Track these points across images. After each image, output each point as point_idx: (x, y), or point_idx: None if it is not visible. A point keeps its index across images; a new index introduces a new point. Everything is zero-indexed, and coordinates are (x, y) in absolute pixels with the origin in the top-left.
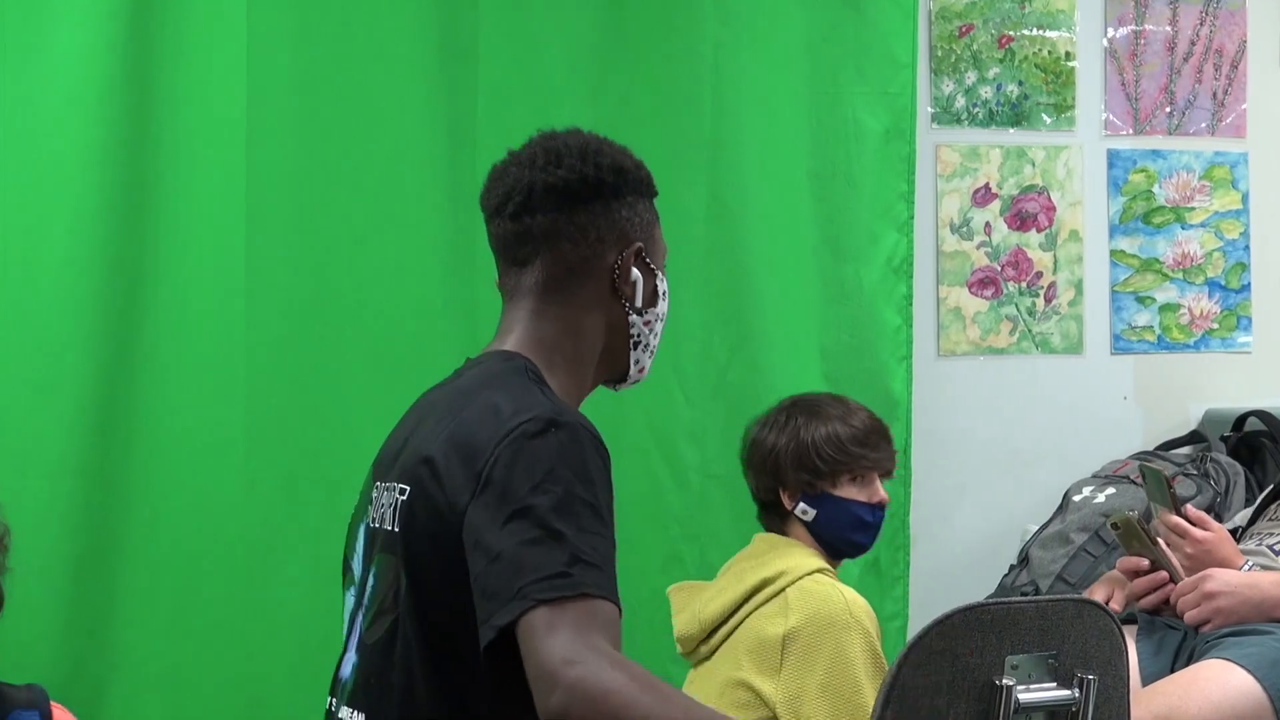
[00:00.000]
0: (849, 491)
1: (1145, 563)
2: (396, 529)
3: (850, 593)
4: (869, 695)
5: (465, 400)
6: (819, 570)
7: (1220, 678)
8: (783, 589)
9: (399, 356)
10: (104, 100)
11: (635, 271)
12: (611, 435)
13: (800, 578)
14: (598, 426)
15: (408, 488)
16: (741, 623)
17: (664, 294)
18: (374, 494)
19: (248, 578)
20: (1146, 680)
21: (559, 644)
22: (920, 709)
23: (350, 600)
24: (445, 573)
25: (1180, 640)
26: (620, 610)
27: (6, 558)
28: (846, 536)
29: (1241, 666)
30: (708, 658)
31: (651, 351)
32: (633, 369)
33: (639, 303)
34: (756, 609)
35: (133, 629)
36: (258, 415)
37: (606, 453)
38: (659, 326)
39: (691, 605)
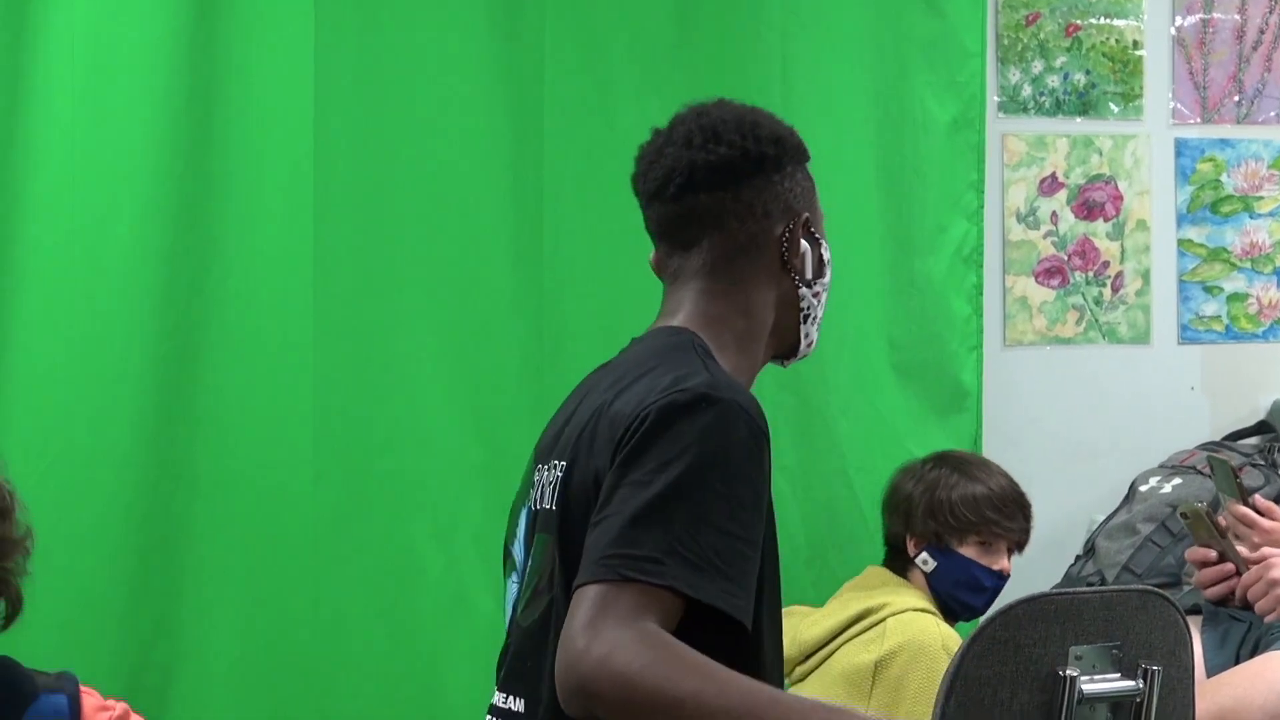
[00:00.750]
0: (973, 553)
1: (1213, 554)
2: (554, 507)
3: (948, 629)
4: None
5: (629, 372)
6: (924, 609)
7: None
8: (883, 619)
9: (466, 347)
10: (170, 91)
11: (803, 243)
12: None
13: (902, 611)
14: None
15: (566, 464)
16: (839, 649)
17: (829, 262)
18: (535, 477)
19: (315, 570)
20: (1211, 673)
21: (605, 619)
22: (983, 700)
23: (513, 588)
24: None
25: (1245, 631)
26: (736, 616)
27: (28, 561)
28: (961, 596)
29: None
30: (800, 680)
31: (818, 323)
32: (803, 343)
33: (808, 274)
34: (855, 637)
35: (201, 620)
36: (325, 406)
37: (763, 436)
38: (825, 297)
39: (793, 628)
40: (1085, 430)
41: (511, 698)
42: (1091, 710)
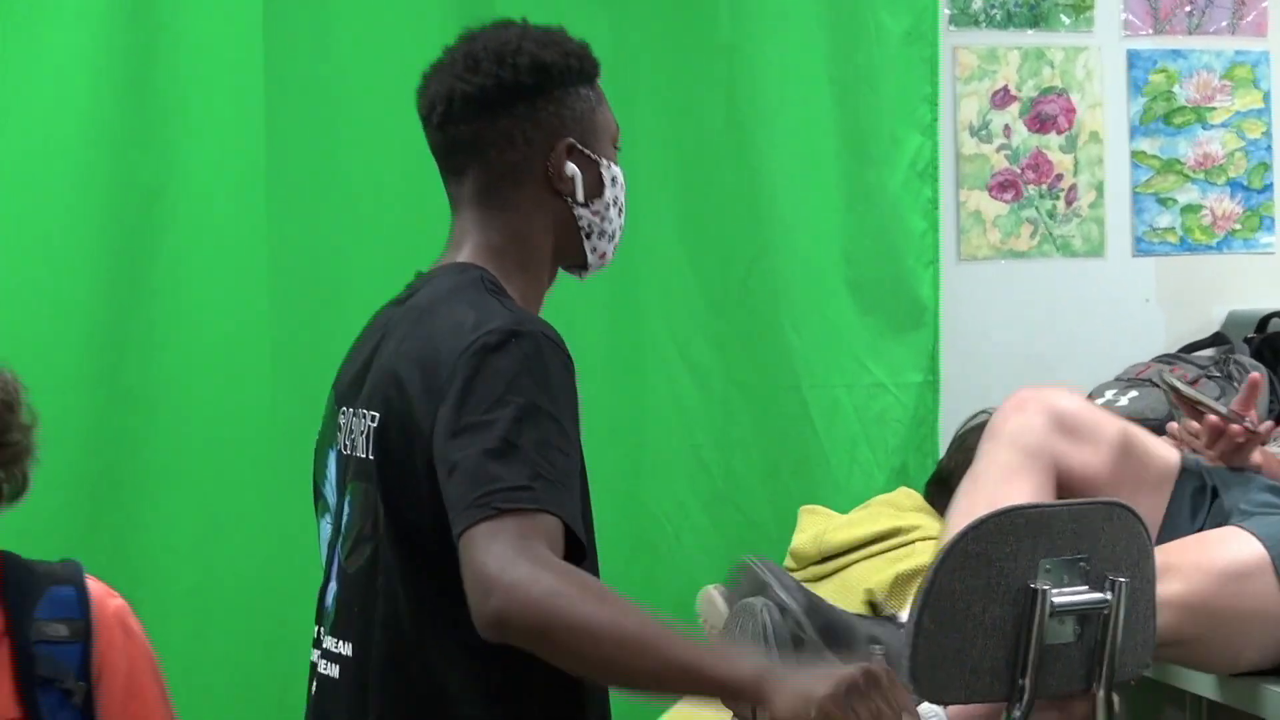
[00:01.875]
0: None
1: (1209, 419)
2: (370, 456)
3: None
4: None
5: (426, 316)
6: None
7: (1226, 537)
8: (913, 541)
9: (418, 262)
10: (113, 8)
11: (571, 166)
12: (633, 343)
13: (933, 537)
14: (619, 335)
15: (378, 414)
16: (861, 560)
17: (613, 179)
18: (340, 419)
19: (272, 493)
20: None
21: (499, 550)
22: (956, 613)
23: (327, 529)
24: (420, 495)
25: (1210, 504)
26: (577, 535)
27: (34, 447)
28: None
29: (1250, 532)
30: (814, 581)
31: (610, 237)
32: (591, 257)
33: (580, 196)
34: (881, 552)
35: (156, 546)
36: (282, 326)
37: (569, 360)
38: (613, 212)
39: (816, 528)
40: (1041, 344)
41: (341, 642)
42: (1061, 623)
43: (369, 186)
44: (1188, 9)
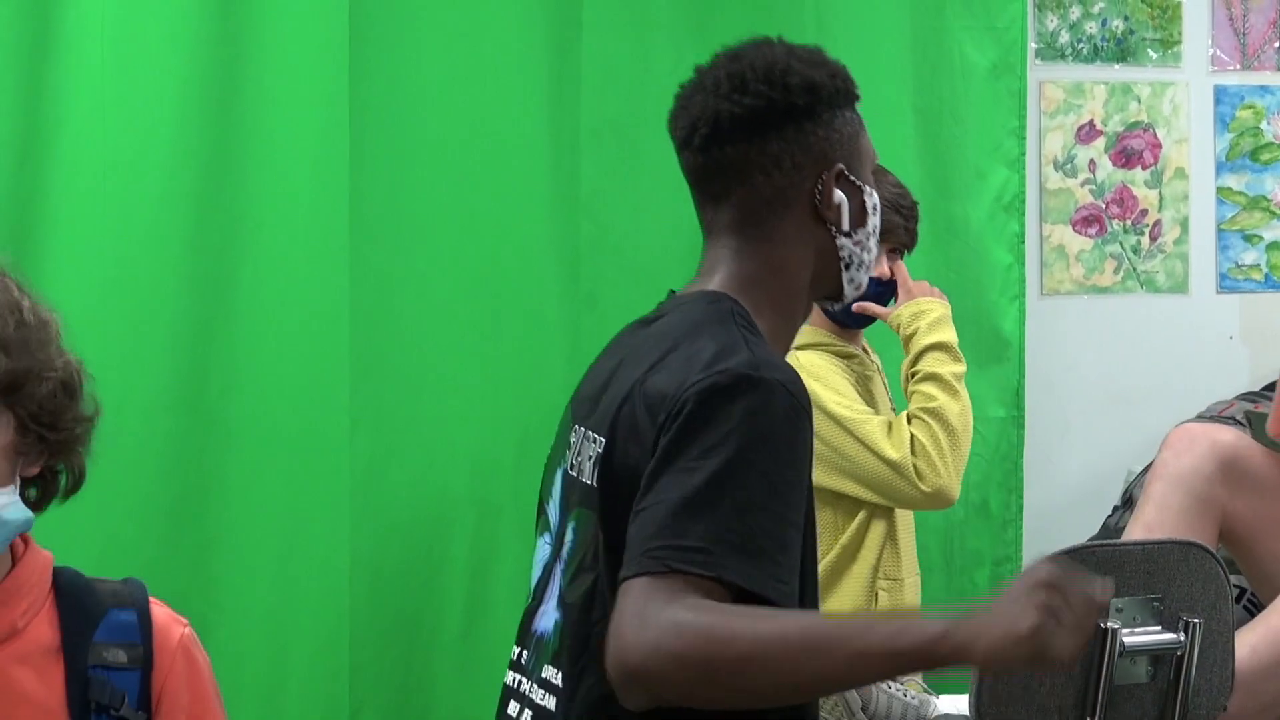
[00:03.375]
0: None
1: None
2: (594, 484)
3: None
4: None
5: (668, 345)
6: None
7: None
8: None
9: (501, 294)
10: (201, 32)
11: (838, 193)
12: None
13: None
14: None
15: (605, 440)
16: None
17: (874, 208)
18: (572, 438)
19: (350, 518)
20: None
21: (648, 609)
22: None
23: (545, 549)
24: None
25: None
26: (767, 597)
27: (91, 438)
28: None
29: None
30: None
31: (867, 267)
32: (848, 288)
33: (846, 225)
34: None
35: (235, 570)
36: (361, 354)
37: (805, 413)
38: (872, 242)
39: None
40: (1123, 380)
41: (559, 673)
42: (1132, 663)
43: (451, 213)
44: (1276, 45)
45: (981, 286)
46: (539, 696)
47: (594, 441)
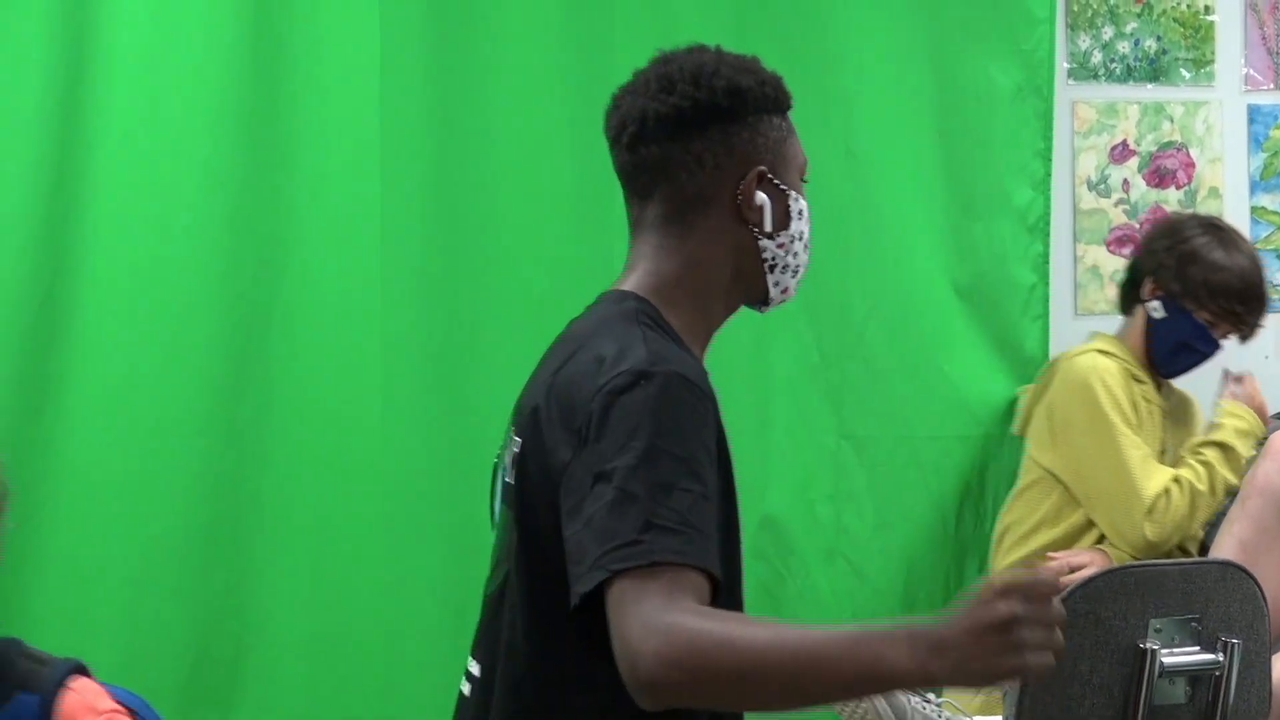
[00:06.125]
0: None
1: None
2: (512, 481)
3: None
4: None
5: (575, 348)
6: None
7: None
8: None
9: (535, 309)
10: (235, 53)
11: (760, 195)
12: (750, 394)
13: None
14: (735, 387)
15: (520, 440)
16: None
17: (800, 213)
18: (506, 442)
19: (385, 539)
20: None
21: (636, 616)
22: (1063, 672)
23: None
24: (549, 529)
25: None
26: (707, 572)
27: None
28: (1172, 353)
29: None
30: None
31: (794, 272)
32: (773, 291)
33: (768, 226)
34: None
35: (271, 592)
36: (393, 374)
37: (705, 393)
38: (798, 246)
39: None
40: None
41: (474, 663)
42: (1171, 683)
43: (485, 238)
44: None
45: (1006, 306)
46: (463, 685)
47: (514, 443)
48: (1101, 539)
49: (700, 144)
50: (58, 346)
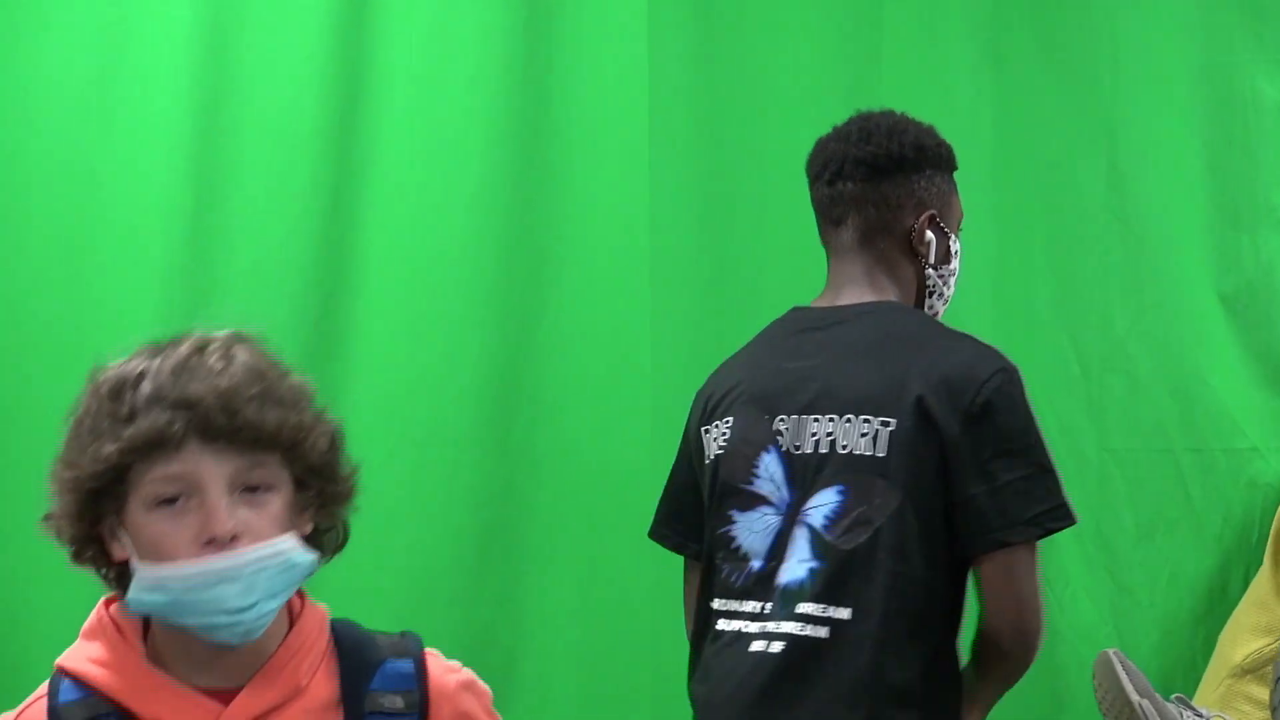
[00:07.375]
0: None
1: None
2: (883, 455)
3: None
4: None
5: (921, 342)
6: None
7: None
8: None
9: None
10: (505, 78)
11: (929, 234)
12: None
13: None
14: None
15: (893, 420)
16: None
17: (956, 253)
18: (778, 425)
19: (655, 550)
20: None
21: (1031, 586)
22: None
23: (770, 519)
24: (935, 490)
25: None
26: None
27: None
28: None
29: None
30: None
31: (946, 301)
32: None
33: (933, 260)
34: None
35: (543, 600)
36: (663, 386)
37: None
38: (952, 280)
39: None
40: None
41: (832, 607)
42: None
43: (754, 251)
44: None
45: (1273, 317)
46: (797, 628)
47: (863, 421)
48: None
49: (888, 186)
50: (334, 363)
